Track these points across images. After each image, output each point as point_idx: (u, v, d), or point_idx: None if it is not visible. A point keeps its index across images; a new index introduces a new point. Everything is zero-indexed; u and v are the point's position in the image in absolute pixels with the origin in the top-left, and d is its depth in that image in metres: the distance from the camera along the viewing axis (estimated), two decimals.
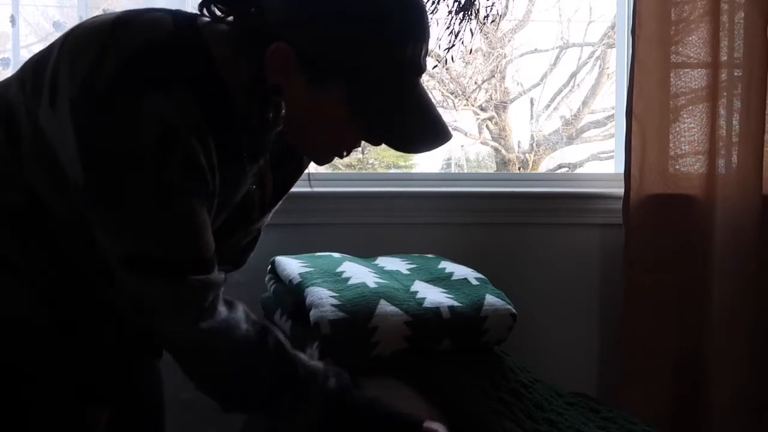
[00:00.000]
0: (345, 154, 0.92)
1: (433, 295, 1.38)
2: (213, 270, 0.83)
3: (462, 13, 1.85)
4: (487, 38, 2.68)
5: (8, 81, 0.90)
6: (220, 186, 0.84)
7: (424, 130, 0.87)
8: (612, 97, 2.18)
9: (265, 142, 0.89)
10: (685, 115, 1.82)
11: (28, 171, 0.83)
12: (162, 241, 0.79)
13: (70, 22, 1.86)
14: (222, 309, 0.86)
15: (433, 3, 1.85)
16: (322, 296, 1.31)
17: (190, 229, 0.80)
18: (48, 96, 0.79)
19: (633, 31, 1.79)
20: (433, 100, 0.89)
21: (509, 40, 2.82)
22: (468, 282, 1.48)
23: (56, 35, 1.92)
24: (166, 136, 0.75)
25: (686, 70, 1.81)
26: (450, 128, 0.90)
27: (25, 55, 1.90)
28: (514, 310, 1.40)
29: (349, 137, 0.90)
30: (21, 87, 0.84)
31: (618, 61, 2.04)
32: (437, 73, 2.69)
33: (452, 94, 2.86)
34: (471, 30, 1.86)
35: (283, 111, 0.84)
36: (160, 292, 0.81)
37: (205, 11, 0.85)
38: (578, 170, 2.89)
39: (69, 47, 0.80)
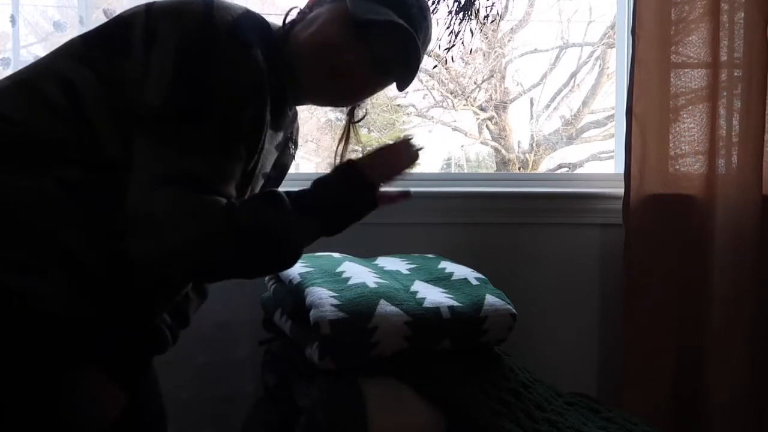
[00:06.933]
0: (344, 72, 1.04)
1: (433, 295, 1.38)
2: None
3: (462, 13, 1.85)
4: (486, 38, 2.68)
5: (46, 62, 0.98)
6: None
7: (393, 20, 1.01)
8: (612, 97, 2.18)
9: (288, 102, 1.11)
10: (685, 115, 1.82)
11: (92, 118, 0.92)
12: (212, 166, 0.91)
13: (70, 22, 1.86)
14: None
15: (433, 3, 1.85)
16: (322, 296, 1.31)
17: (235, 167, 0.94)
18: (142, 47, 0.93)
19: (633, 31, 1.79)
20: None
21: (509, 40, 2.82)
22: (468, 282, 1.48)
23: (56, 35, 1.94)
24: (258, 84, 0.94)
25: (686, 70, 1.81)
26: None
27: (25, 54, 1.90)
28: (514, 310, 1.40)
29: (340, 39, 1.02)
30: (77, 58, 0.95)
31: (618, 61, 2.04)
32: (437, 73, 2.69)
33: (452, 93, 2.86)
34: (471, 30, 1.86)
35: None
36: (197, 208, 0.89)
37: None
38: (578, 170, 2.89)
39: (163, 14, 0.94)
